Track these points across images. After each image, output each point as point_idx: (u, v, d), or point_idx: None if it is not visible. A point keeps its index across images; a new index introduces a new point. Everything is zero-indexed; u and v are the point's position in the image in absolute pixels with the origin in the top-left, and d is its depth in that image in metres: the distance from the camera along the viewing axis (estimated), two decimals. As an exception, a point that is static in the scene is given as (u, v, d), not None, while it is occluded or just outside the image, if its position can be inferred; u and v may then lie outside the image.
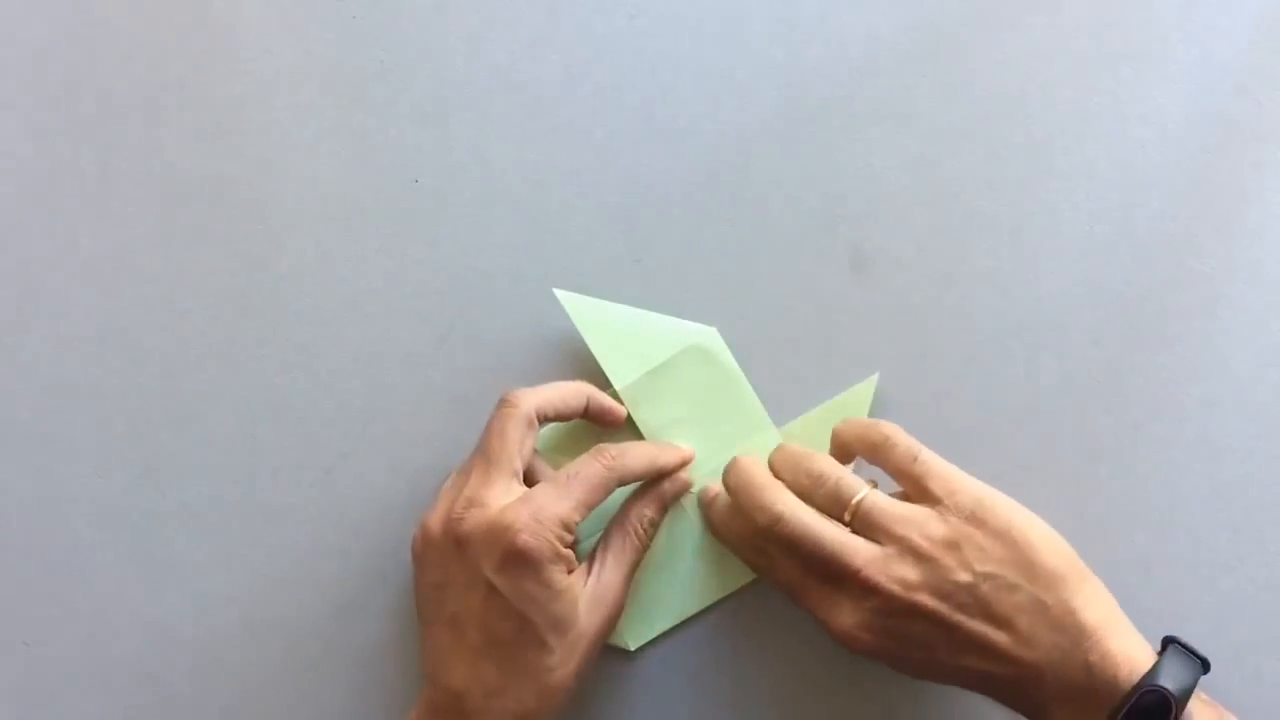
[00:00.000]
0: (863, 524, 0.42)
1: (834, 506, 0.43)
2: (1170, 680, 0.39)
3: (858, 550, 0.42)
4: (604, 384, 0.48)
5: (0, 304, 0.50)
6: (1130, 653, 0.40)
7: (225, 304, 0.50)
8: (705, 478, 0.48)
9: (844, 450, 0.46)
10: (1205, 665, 0.40)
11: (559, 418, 0.47)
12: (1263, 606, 0.49)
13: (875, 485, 0.44)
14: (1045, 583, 0.40)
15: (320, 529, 0.49)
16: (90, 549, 0.49)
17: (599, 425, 0.48)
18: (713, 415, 0.49)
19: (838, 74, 0.50)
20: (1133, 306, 0.49)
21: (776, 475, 0.45)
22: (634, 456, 0.46)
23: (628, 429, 0.49)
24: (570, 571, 0.43)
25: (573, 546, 0.43)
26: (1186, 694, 0.39)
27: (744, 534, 0.46)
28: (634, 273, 0.50)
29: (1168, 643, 0.41)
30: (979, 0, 0.50)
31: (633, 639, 0.48)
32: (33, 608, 0.49)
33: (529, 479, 0.46)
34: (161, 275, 0.50)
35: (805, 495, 0.44)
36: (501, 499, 0.43)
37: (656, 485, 0.47)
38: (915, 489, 0.43)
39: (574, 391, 0.47)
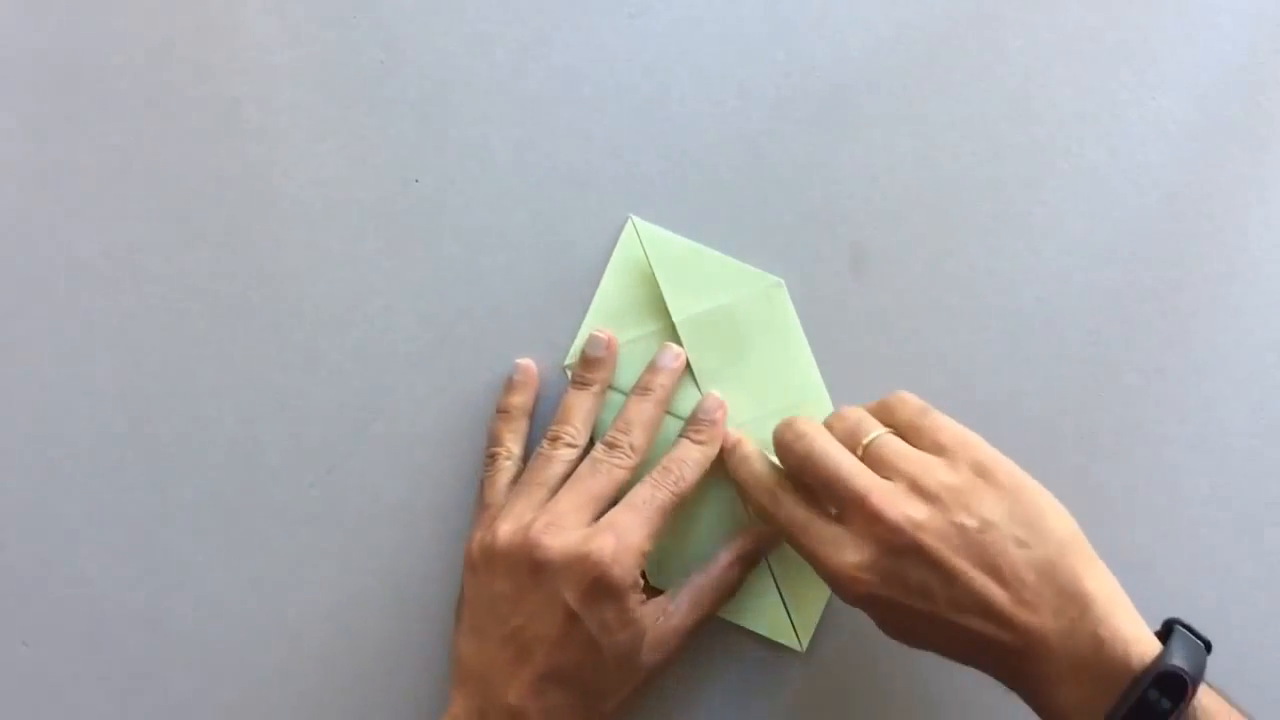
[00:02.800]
0: (874, 459, 0.42)
1: (848, 442, 0.43)
2: (1182, 661, 0.37)
3: (867, 478, 0.41)
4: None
5: (0, 304, 0.50)
6: (1137, 632, 0.38)
7: (225, 304, 0.50)
8: (747, 424, 0.48)
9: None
10: (1208, 647, 0.39)
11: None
12: (1263, 606, 0.49)
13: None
14: (1054, 547, 0.40)
15: (320, 529, 0.49)
16: (90, 549, 0.49)
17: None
18: (765, 364, 0.49)
19: (838, 74, 0.50)
20: (1133, 306, 0.49)
21: None
22: (694, 472, 0.46)
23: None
24: (641, 602, 0.44)
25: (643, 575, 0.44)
26: (1200, 674, 0.38)
27: (758, 474, 0.45)
28: (634, 273, 0.50)
29: (1170, 625, 0.40)
30: (979, 0, 0.50)
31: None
32: (33, 608, 0.49)
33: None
34: (161, 275, 0.50)
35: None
36: (582, 523, 0.44)
37: (750, 544, 0.48)
38: (926, 442, 0.43)
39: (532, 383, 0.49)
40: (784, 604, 0.48)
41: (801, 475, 0.43)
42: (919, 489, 0.41)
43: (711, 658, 0.49)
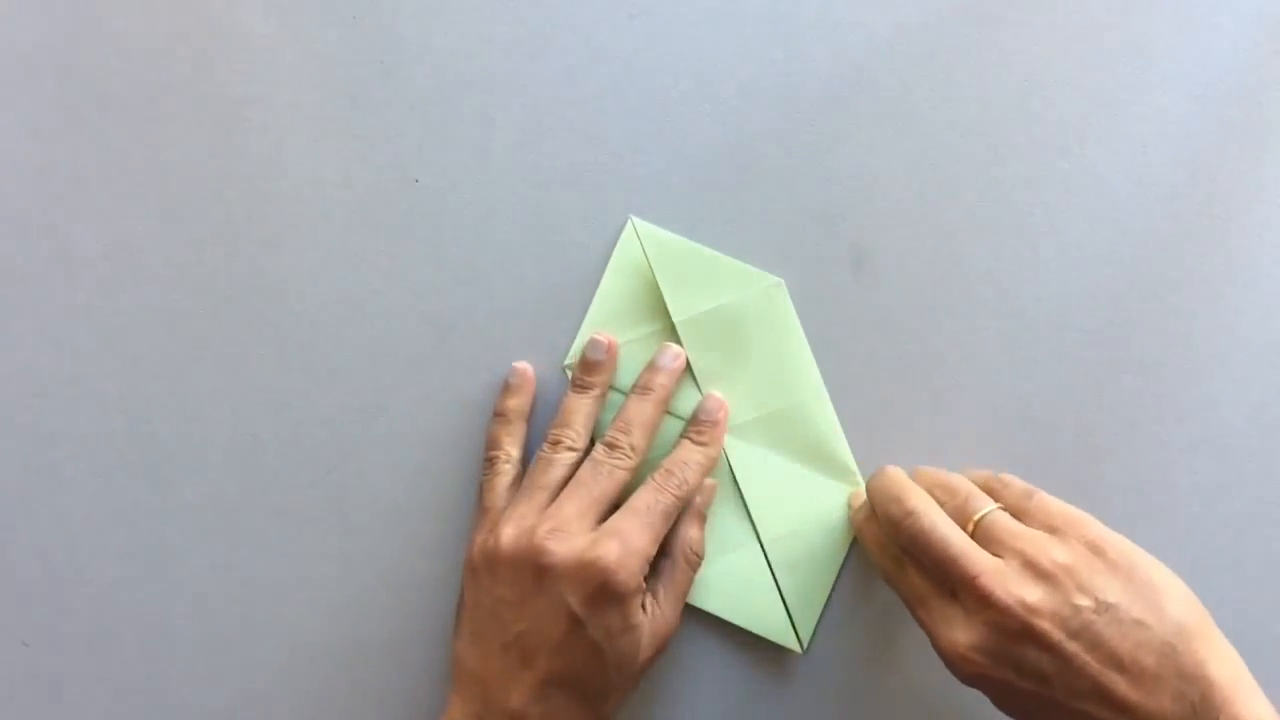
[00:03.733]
0: (984, 536, 0.41)
1: (959, 518, 0.42)
2: None
3: (978, 558, 0.40)
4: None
5: (0, 304, 0.50)
6: (1261, 717, 0.37)
7: (225, 304, 0.50)
8: (747, 424, 0.49)
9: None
10: None
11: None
12: (1263, 606, 0.49)
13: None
14: (1173, 627, 0.38)
15: (320, 529, 0.49)
16: (90, 549, 0.49)
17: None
18: (765, 364, 0.49)
19: (838, 74, 0.50)
20: (1133, 306, 0.49)
21: None
22: (696, 474, 0.46)
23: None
24: (644, 606, 0.44)
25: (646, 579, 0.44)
26: None
27: (881, 539, 0.45)
28: (634, 273, 0.50)
29: None
30: (979, 0, 0.50)
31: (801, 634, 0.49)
32: (33, 608, 0.49)
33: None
34: (161, 275, 0.50)
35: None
36: (586, 528, 0.44)
37: (691, 504, 0.48)
38: (1036, 523, 0.42)
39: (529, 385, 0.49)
40: (784, 605, 0.48)
41: (913, 553, 0.43)
42: (1032, 568, 0.40)
43: (711, 660, 0.49)
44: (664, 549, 0.47)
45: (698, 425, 0.48)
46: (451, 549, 0.49)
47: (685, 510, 0.47)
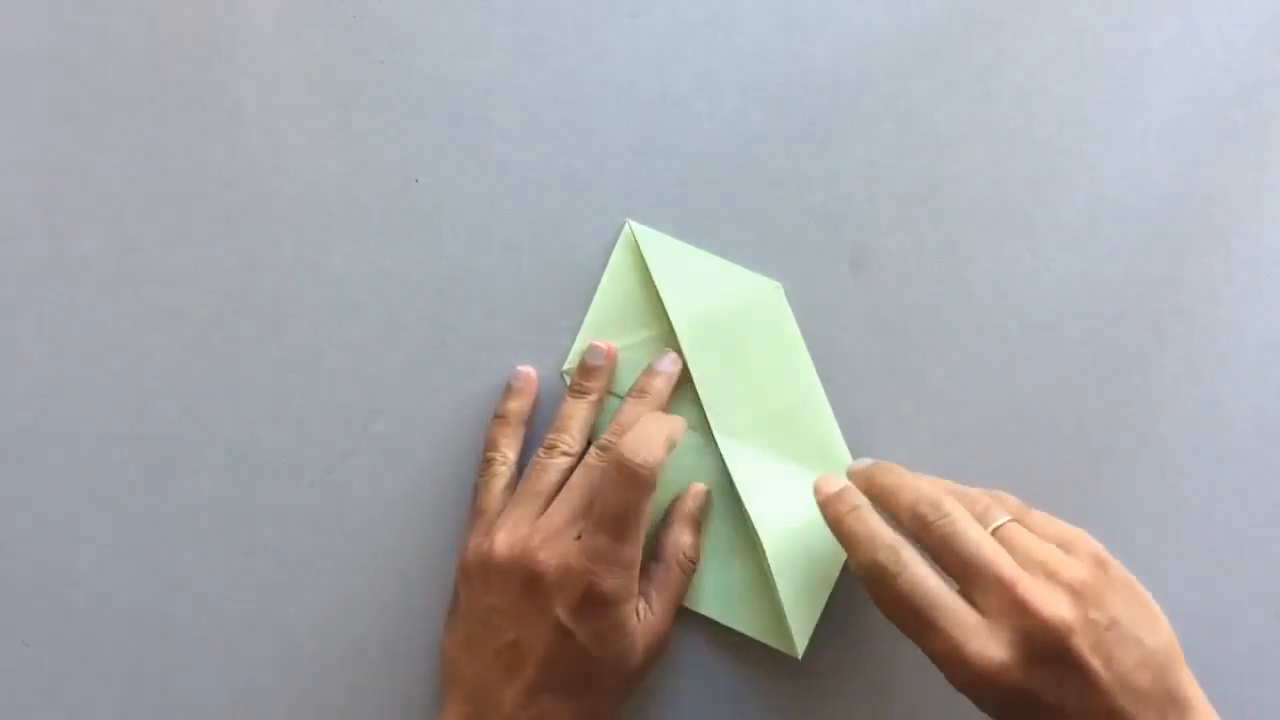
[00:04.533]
0: (1004, 545, 0.41)
1: (979, 522, 0.41)
2: None
3: (1013, 566, 0.39)
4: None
5: (0, 304, 0.50)
6: None
7: (225, 304, 0.50)
8: (746, 428, 0.49)
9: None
10: None
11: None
12: (1263, 606, 0.49)
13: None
14: (1163, 647, 0.39)
15: (320, 529, 0.49)
16: (90, 549, 0.49)
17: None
18: (763, 367, 0.49)
19: (838, 74, 0.50)
20: (1133, 306, 0.49)
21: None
22: (659, 456, 0.44)
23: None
24: (636, 610, 0.44)
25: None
26: None
27: (876, 529, 0.42)
28: (634, 273, 0.50)
29: None
30: (979, 0, 0.50)
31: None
32: (33, 608, 0.49)
33: None
34: (161, 275, 0.50)
35: None
36: (576, 534, 0.44)
37: (683, 508, 0.48)
38: (1038, 535, 0.42)
39: (531, 389, 0.49)
40: (780, 609, 0.48)
41: (939, 554, 0.41)
42: (1056, 581, 0.39)
43: (707, 664, 0.49)
44: (659, 553, 0.47)
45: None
46: (450, 549, 0.49)
47: (679, 515, 0.47)
